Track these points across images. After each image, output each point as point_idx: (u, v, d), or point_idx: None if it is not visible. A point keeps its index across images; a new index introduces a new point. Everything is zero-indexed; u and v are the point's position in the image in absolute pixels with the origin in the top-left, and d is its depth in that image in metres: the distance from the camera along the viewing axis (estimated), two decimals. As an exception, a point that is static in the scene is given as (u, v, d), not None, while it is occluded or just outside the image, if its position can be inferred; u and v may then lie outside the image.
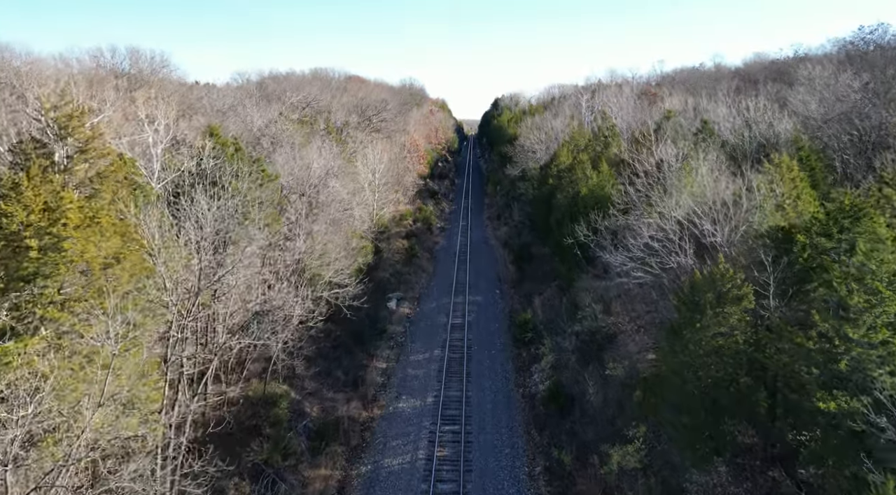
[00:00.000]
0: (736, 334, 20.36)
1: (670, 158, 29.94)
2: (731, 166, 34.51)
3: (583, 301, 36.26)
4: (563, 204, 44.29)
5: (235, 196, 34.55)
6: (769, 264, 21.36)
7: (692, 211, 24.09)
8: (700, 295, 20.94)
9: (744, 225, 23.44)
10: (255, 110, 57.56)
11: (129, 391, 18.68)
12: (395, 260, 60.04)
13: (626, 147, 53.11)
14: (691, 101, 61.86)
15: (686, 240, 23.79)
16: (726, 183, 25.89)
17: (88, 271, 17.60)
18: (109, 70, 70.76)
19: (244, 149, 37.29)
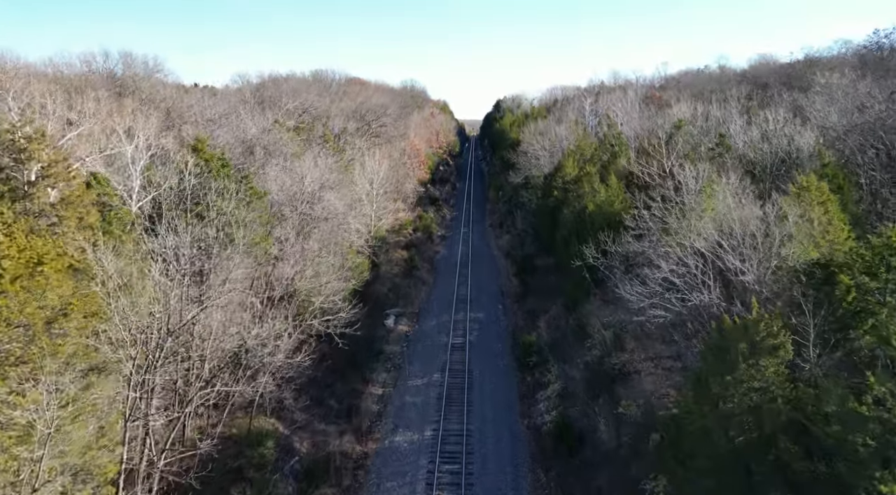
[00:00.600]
0: (773, 390, 17.78)
1: (688, 180, 27.31)
2: (754, 186, 31.95)
3: (591, 326, 33.68)
4: (569, 219, 41.71)
5: (220, 216, 32.09)
6: (808, 307, 18.78)
7: (716, 242, 21.51)
8: (730, 343, 18.36)
9: (775, 259, 20.87)
10: (249, 118, 55.02)
11: (81, 460, 16.19)
12: (393, 272, 57.51)
13: (633, 157, 50.52)
14: (701, 107, 59.14)
15: (710, 274, 21.24)
16: (752, 209, 23.28)
17: (30, 326, 15.14)
18: (102, 75, 68.37)
19: (231, 165, 34.78)
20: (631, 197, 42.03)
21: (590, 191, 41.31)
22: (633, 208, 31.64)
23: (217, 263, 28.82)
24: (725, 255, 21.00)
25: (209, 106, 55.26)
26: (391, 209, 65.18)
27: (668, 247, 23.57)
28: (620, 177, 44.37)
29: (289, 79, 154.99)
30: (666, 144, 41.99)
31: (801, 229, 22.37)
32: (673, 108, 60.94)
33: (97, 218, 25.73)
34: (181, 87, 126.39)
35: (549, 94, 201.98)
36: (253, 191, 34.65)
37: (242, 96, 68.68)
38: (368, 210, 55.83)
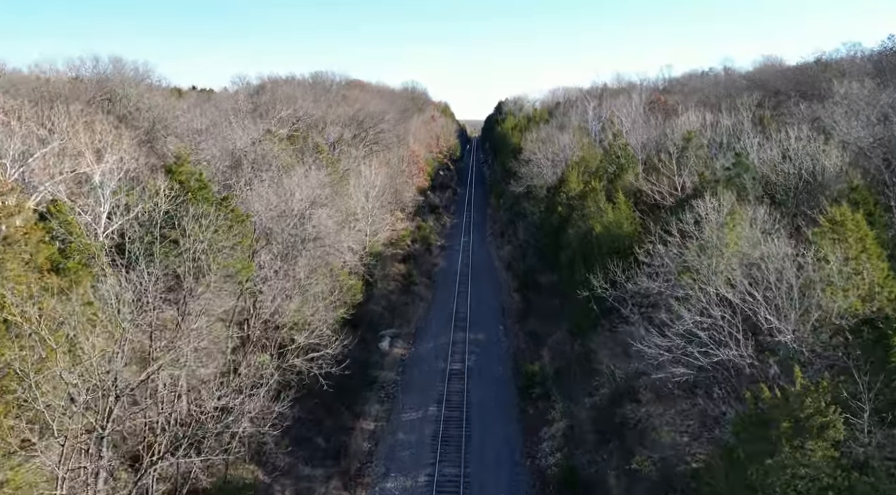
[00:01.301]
0: (823, 478, 14.90)
1: (708, 211, 24.34)
2: (777, 212, 29.00)
3: (599, 360, 30.81)
4: (574, 240, 38.80)
5: (196, 244, 29.22)
6: (860, 375, 15.89)
7: (745, 291, 18.62)
8: (770, 419, 15.48)
9: (815, 311, 17.99)
10: (240, 128, 52.15)
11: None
12: (389, 289, 54.66)
13: (641, 172, 47.57)
14: (710, 116, 56.13)
15: (738, 326, 18.39)
16: (783, 247, 20.35)
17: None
18: (92, 81, 65.59)
19: (209, 186, 31.90)
20: (640, 217, 39.24)
21: (596, 210, 38.39)
22: (646, 238, 28.69)
23: (188, 306, 26.00)
24: (757, 307, 18.10)
25: (196, 116, 52.39)
26: (388, 221, 62.28)
27: (688, 291, 20.67)
28: (628, 194, 41.45)
29: (289, 81, 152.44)
30: (677, 161, 39.05)
31: (843, 274, 19.44)
32: (681, 117, 57.94)
33: (51, 255, 22.92)
34: (176, 90, 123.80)
35: (552, 96, 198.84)
36: (234, 215, 31.78)
37: (235, 103, 65.80)
38: (363, 225, 52.96)
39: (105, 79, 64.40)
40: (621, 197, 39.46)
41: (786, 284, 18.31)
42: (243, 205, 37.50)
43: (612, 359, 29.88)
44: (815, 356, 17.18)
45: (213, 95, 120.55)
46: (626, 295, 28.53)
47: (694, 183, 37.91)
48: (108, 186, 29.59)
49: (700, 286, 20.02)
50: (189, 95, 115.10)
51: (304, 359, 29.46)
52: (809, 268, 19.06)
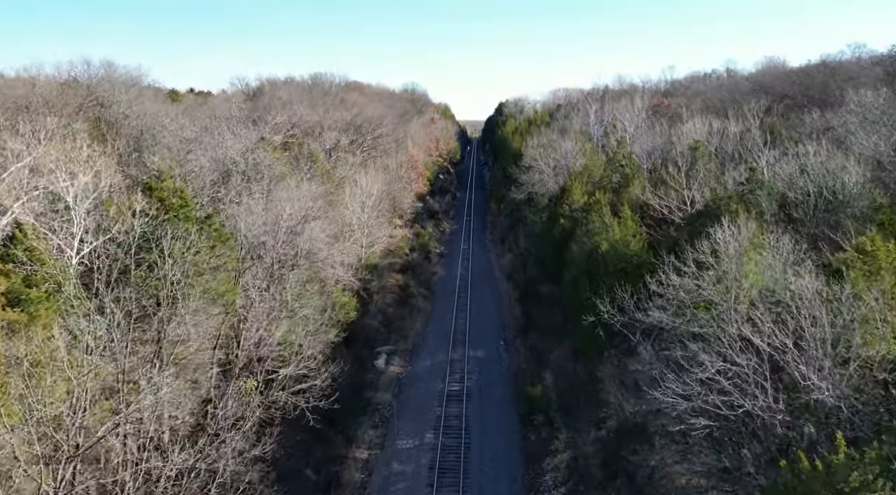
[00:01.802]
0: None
1: (727, 240, 22.25)
2: (796, 232, 26.97)
3: (605, 390, 28.80)
4: (578, 258, 36.74)
5: (175, 266, 27.23)
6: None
7: (772, 334, 16.59)
8: (811, 493, 13.46)
9: (854, 361, 15.96)
10: (231, 136, 50.12)
11: None
12: (386, 302, 52.63)
13: (647, 184, 45.55)
14: (717, 123, 54.04)
15: (766, 374, 16.37)
16: (812, 282, 18.30)
17: None
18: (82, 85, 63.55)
19: (192, 204, 29.87)
20: (647, 232, 37.22)
21: (601, 225, 36.34)
22: (656, 261, 26.67)
23: (166, 334, 24.03)
24: (786, 354, 16.06)
25: (187, 124, 50.33)
26: (386, 230, 60.29)
27: (706, 328, 18.64)
28: (634, 207, 39.41)
29: (287, 82, 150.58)
30: (686, 175, 37.00)
31: (881, 315, 17.38)
32: (686, 124, 55.84)
33: (12, 286, 20.94)
34: (172, 93, 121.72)
35: (552, 98, 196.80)
36: (218, 234, 29.77)
37: (228, 110, 63.76)
38: (360, 235, 50.98)
39: (97, 83, 62.39)
40: (627, 211, 37.40)
41: (818, 328, 16.29)
42: (231, 221, 35.55)
43: (619, 389, 27.89)
44: (856, 414, 15.17)
45: (210, 98, 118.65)
46: (635, 322, 26.52)
47: (704, 198, 35.90)
48: (82, 206, 27.61)
49: (720, 325, 18.00)
50: (185, 99, 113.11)
51: (291, 392, 27.40)
52: (844, 309, 17.02)
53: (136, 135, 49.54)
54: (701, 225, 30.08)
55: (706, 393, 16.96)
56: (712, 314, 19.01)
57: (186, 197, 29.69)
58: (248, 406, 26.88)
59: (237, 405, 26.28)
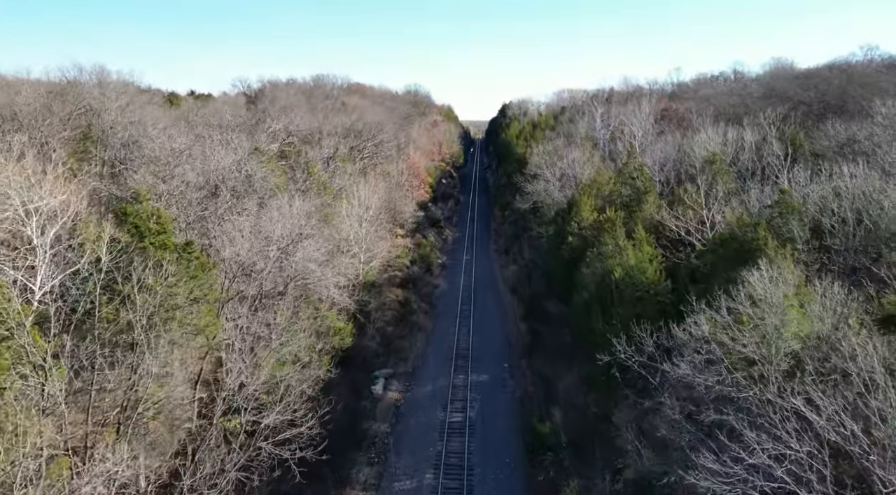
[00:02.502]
0: None
1: (765, 287, 19.45)
2: (830, 261, 24.22)
3: (622, 437, 26.09)
4: (589, 283, 33.99)
5: (150, 300, 24.65)
6: None
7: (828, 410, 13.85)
8: None
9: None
10: (222, 147, 47.50)
11: None
12: (385, 319, 49.94)
13: (660, 198, 42.84)
14: (732, 133, 51.24)
15: (826, 461, 13.63)
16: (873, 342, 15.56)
17: None
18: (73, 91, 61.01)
19: (170, 230, 27.21)
20: (663, 254, 34.48)
21: (614, 248, 33.60)
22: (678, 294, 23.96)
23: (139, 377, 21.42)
24: (850, 439, 13.35)
25: (177, 133, 47.70)
26: (385, 244, 57.63)
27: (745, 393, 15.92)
28: (648, 227, 36.66)
29: (290, 84, 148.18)
30: (706, 194, 34.21)
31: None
32: (699, 134, 53.02)
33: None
34: (172, 96, 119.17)
35: (557, 100, 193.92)
36: (199, 263, 27.13)
37: (222, 117, 61.16)
38: (357, 250, 48.33)
39: (87, 90, 59.79)
40: (642, 233, 34.65)
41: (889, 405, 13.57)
42: (217, 241, 32.96)
43: (637, 436, 25.20)
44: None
45: (210, 101, 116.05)
46: (655, 364, 23.84)
47: (724, 218, 33.15)
48: (47, 236, 25.02)
49: (762, 393, 15.28)
50: (184, 102, 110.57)
51: (276, 442, 24.74)
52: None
53: (117, 150, 46.97)
54: (725, 255, 27.40)
55: (750, 478, 14.24)
56: (753, 376, 16.31)
57: (165, 222, 27.07)
58: (228, 454, 24.33)
59: (217, 454, 23.71)
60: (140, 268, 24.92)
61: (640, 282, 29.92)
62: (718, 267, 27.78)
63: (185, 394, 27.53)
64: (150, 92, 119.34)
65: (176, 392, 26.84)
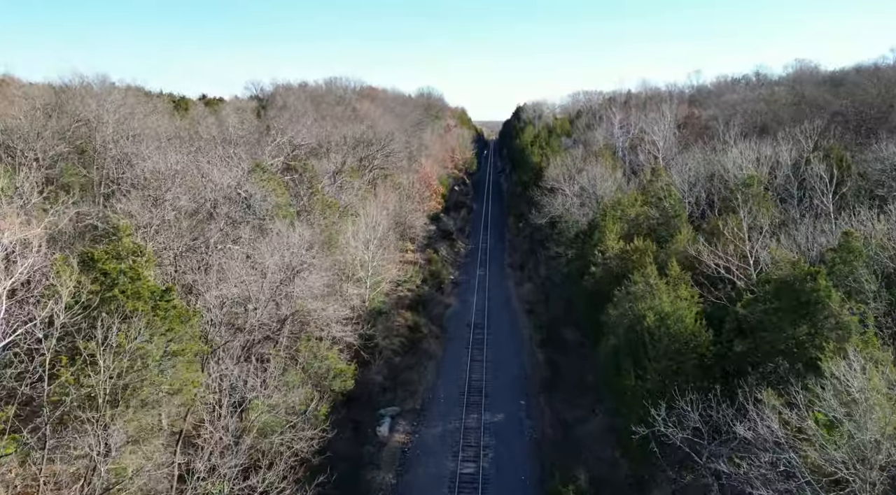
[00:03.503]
0: None
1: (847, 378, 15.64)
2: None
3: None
4: (618, 327, 30.18)
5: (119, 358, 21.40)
6: None
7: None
8: None
9: None
10: (220, 165, 44.27)
11: None
12: (392, 347, 46.42)
13: (689, 215, 38.96)
14: (768, 152, 47.05)
15: None
16: None
17: None
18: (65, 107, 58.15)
19: (145, 275, 23.85)
20: (700, 294, 30.64)
21: (645, 288, 29.81)
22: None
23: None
24: None
25: (173, 149, 44.48)
26: (394, 266, 54.21)
27: None
28: (681, 260, 32.81)
29: (302, 87, 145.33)
30: (749, 232, 30.30)
31: None
32: (731, 152, 48.90)
33: None
34: (182, 101, 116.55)
35: (573, 102, 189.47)
36: (176, 313, 23.79)
37: (225, 131, 58.01)
38: (363, 274, 44.90)
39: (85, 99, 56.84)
40: (676, 269, 30.84)
41: None
42: (206, 280, 29.65)
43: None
44: None
45: (221, 106, 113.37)
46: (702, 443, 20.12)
47: (773, 257, 29.23)
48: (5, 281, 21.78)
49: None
50: (194, 108, 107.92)
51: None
52: None
53: (115, 165, 43.91)
54: (779, 308, 23.55)
55: None
56: None
57: (139, 269, 23.71)
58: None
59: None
60: (107, 324, 21.67)
61: (677, 332, 26.14)
62: (771, 321, 23.96)
63: (162, 459, 24.39)
64: (160, 96, 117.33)
65: (153, 457, 23.72)
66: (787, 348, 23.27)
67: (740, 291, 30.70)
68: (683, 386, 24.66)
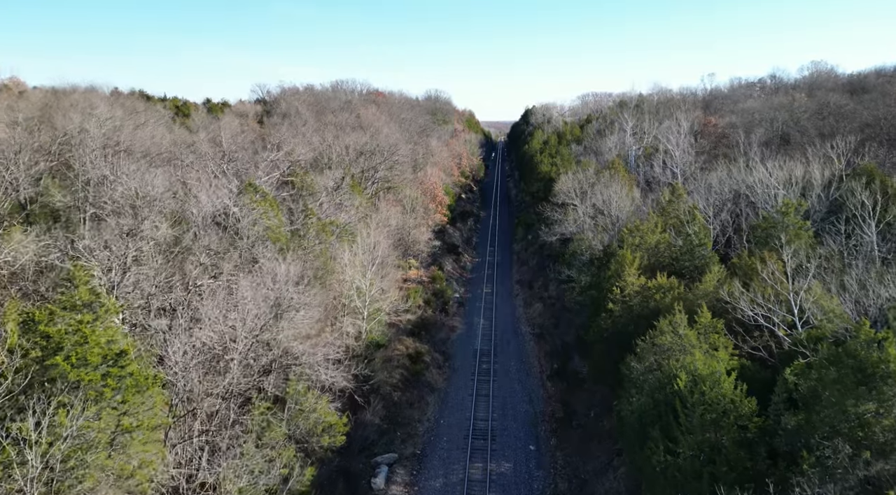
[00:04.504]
0: None
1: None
2: None
3: None
4: (642, 383, 26.40)
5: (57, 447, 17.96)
6: None
7: None
8: None
9: None
10: (207, 186, 40.82)
11: None
12: (391, 382, 42.71)
13: (714, 243, 35.15)
14: (799, 173, 42.99)
15: None
16: None
17: None
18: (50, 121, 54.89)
19: (93, 339, 20.30)
20: (736, 347, 26.85)
21: (674, 340, 26.02)
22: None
23: None
24: None
25: (158, 175, 40.98)
26: (395, 283, 50.63)
27: None
28: (711, 305, 28.97)
29: (308, 90, 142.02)
30: (791, 272, 26.45)
31: None
32: (758, 171, 44.89)
33: None
34: (184, 107, 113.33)
35: (582, 104, 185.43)
36: (131, 381, 20.26)
37: (219, 147, 54.60)
38: (359, 304, 41.30)
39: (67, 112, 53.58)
40: (707, 316, 27.03)
41: None
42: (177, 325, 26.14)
43: None
44: None
45: (225, 113, 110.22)
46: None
47: (822, 309, 25.35)
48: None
49: None
50: (196, 113, 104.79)
51: None
52: None
53: (95, 187, 40.49)
54: (838, 380, 19.76)
55: None
56: None
57: (88, 330, 20.16)
58: None
59: None
60: (45, 400, 18.23)
61: (713, 399, 22.34)
62: (827, 393, 20.15)
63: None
64: (163, 101, 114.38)
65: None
66: (849, 429, 19.48)
67: (781, 342, 26.91)
68: (722, 467, 20.96)
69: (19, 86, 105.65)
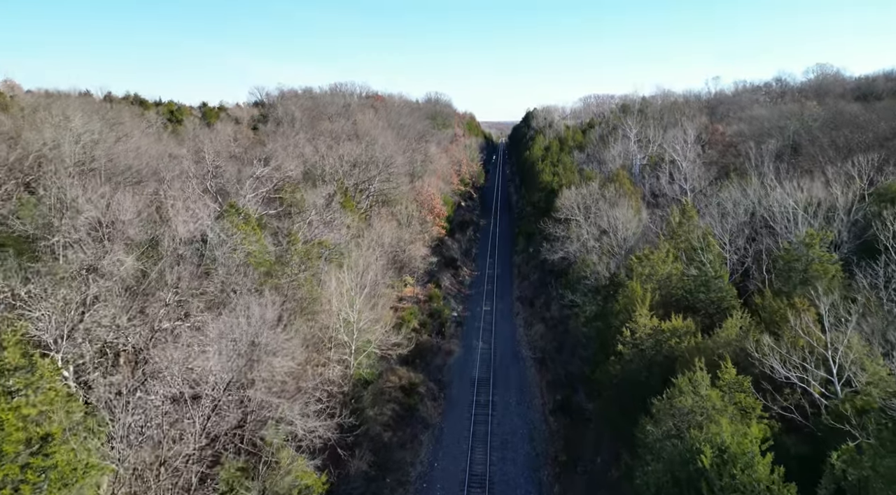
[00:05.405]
0: None
1: None
2: None
3: None
4: (659, 450, 23.00)
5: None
6: None
7: None
8: None
9: None
10: (183, 212, 37.47)
11: None
12: (382, 420, 39.31)
13: (731, 274, 31.78)
14: (821, 194, 39.50)
15: None
16: None
17: None
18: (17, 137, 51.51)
19: (12, 422, 16.93)
20: (765, 408, 23.46)
21: (696, 403, 22.61)
22: None
23: None
24: None
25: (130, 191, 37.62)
26: (389, 305, 47.26)
27: None
28: (735, 357, 25.55)
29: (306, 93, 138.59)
30: (819, 316, 22.99)
31: None
32: (774, 192, 41.38)
33: None
34: (176, 112, 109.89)
35: (584, 107, 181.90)
36: (57, 474, 16.92)
37: (202, 157, 51.23)
38: (347, 338, 37.91)
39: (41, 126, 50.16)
40: (731, 373, 23.64)
41: None
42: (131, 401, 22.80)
43: None
44: None
45: (220, 118, 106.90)
46: None
47: (866, 372, 21.92)
48: None
49: None
50: (189, 119, 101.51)
51: None
52: None
53: (59, 210, 37.15)
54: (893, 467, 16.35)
55: None
56: None
57: (3, 415, 16.83)
58: None
59: None
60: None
61: (745, 483, 18.94)
62: (885, 482, 16.74)
63: None
64: (157, 106, 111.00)
65: None
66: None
67: (815, 401, 23.50)
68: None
69: (13, 89, 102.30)
